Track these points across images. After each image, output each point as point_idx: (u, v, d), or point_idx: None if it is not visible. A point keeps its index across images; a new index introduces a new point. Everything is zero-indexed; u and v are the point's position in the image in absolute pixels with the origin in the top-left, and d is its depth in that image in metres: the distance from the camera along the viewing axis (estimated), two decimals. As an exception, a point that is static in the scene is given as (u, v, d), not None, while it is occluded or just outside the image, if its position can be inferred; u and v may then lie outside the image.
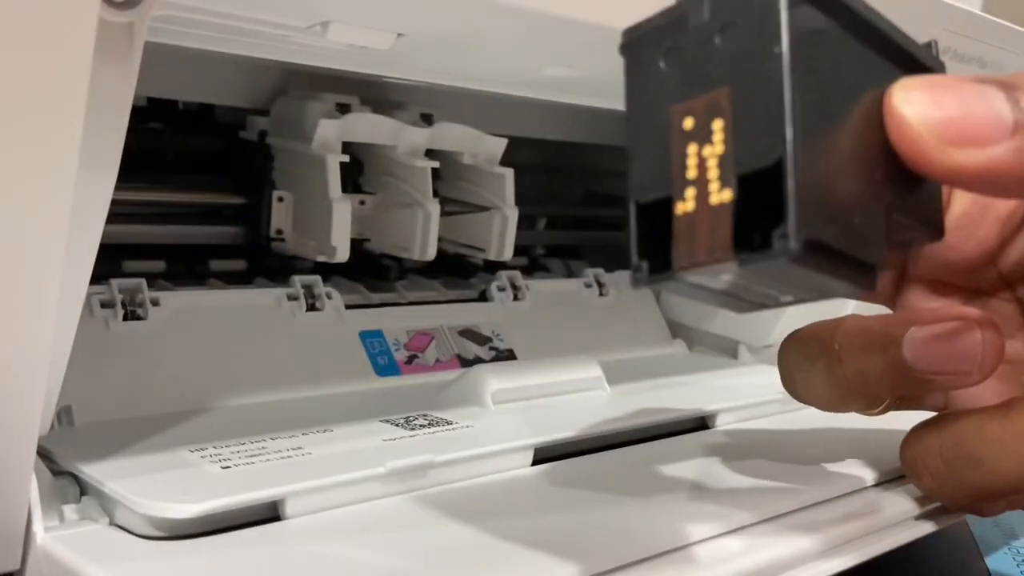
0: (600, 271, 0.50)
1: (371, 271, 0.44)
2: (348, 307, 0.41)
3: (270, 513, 0.26)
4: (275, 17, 0.27)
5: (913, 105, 0.20)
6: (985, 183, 0.20)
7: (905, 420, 0.30)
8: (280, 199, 0.41)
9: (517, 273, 0.47)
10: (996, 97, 0.20)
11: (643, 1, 0.28)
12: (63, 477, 0.27)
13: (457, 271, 0.47)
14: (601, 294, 0.49)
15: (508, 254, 0.45)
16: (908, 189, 0.21)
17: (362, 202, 0.42)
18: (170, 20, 0.26)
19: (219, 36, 0.29)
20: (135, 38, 0.21)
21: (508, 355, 0.44)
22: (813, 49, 0.18)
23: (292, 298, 0.39)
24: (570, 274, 0.51)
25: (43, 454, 0.27)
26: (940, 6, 0.37)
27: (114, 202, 0.23)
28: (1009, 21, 0.40)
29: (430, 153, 0.42)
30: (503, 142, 0.44)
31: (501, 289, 0.46)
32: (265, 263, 0.42)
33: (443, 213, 0.42)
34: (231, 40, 0.29)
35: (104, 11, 0.20)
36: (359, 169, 0.43)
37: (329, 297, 0.40)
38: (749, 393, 0.40)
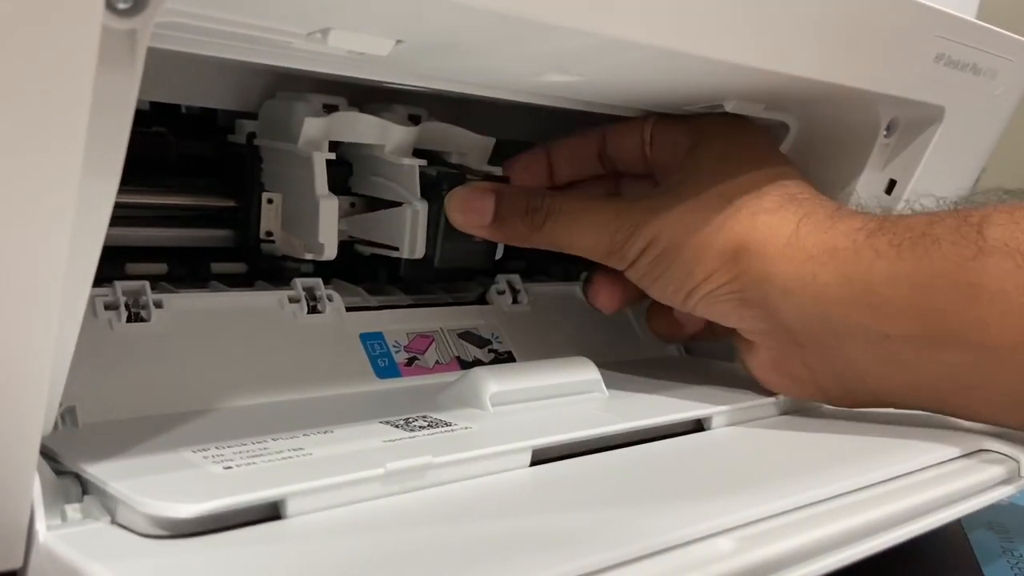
0: (599, 274, 0.50)
1: (364, 274, 0.45)
2: (349, 309, 0.41)
3: (271, 513, 0.26)
4: (277, 24, 0.27)
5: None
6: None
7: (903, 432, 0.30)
8: (270, 200, 0.41)
9: (516, 276, 0.47)
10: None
11: (639, 7, 0.29)
12: (65, 477, 0.27)
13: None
14: (600, 297, 0.50)
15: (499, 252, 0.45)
16: None
17: (352, 204, 0.43)
18: (171, 27, 0.26)
19: (219, 42, 0.29)
20: (138, 45, 0.21)
21: (507, 357, 0.44)
22: None
23: (293, 300, 0.40)
24: (568, 277, 0.51)
25: (47, 454, 0.27)
26: (935, 13, 0.37)
27: (118, 205, 0.23)
28: (1004, 28, 0.41)
29: (417, 153, 0.42)
30: (491, 141, 0.45)
31: (500, 292, 0.46)
32: (257, 265, 0.42)
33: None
34: (230, 46, 0.29)
35: (107, 18, 0.20)
36: (348, 172, 0.43)
37: (330, 299, 0.40)
38: (745, 396, 0.40)
